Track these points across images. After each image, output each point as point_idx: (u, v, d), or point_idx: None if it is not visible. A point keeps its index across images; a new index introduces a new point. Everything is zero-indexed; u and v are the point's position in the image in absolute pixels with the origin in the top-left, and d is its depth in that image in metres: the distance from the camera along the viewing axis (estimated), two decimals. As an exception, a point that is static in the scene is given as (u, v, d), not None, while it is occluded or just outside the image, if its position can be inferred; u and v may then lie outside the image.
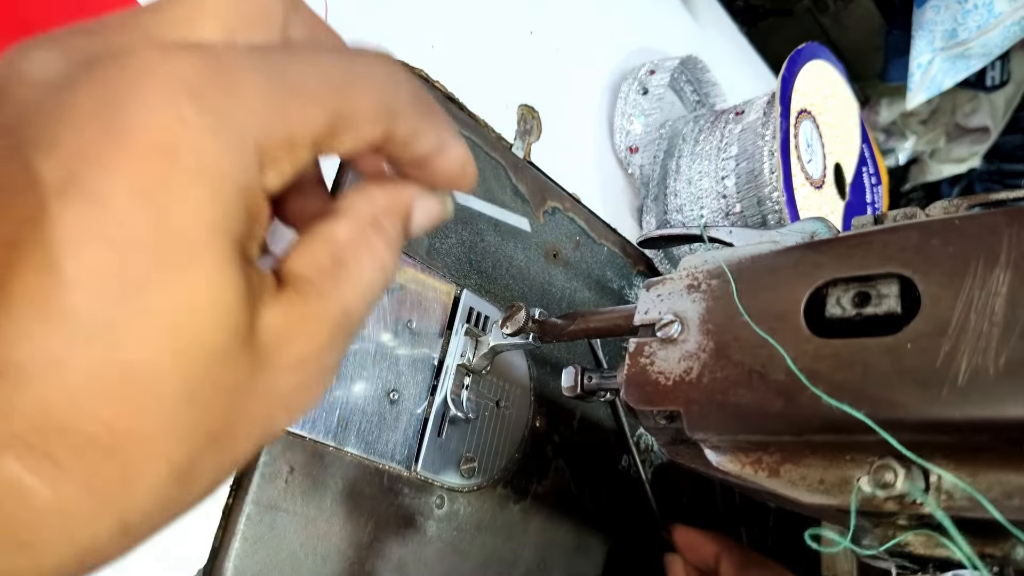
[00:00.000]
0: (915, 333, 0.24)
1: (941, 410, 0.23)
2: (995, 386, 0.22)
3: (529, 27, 0.56)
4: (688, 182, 0.58)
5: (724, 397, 0.28)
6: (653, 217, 0.60)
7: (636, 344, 0.32)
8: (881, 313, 0.26)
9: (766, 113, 0.54)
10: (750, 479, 0.28)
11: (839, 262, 0.28)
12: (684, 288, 0.32)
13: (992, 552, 0.24)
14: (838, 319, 0.27)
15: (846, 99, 0.65)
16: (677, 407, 0.29)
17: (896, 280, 0.26)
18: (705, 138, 0.58)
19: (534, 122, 0.54)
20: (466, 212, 0.47)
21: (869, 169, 0.69)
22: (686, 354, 0.30)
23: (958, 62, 0.82)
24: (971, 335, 0.23)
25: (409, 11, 0.46)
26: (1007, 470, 0.23)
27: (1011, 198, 0.28)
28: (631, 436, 0.55)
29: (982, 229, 0.25)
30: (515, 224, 0.25)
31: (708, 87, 0.67)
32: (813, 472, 0.27)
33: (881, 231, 0.28)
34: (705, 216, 0.57)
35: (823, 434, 0.26)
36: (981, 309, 0.23)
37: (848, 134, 0.66)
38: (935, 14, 0.80)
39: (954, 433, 0.23)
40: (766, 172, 0.52)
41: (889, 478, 0.24)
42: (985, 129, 1.03)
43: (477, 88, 0.49)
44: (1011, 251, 0.24)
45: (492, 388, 0.45)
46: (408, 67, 0.45)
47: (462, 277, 0.45)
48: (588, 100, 0.61)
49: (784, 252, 0.30)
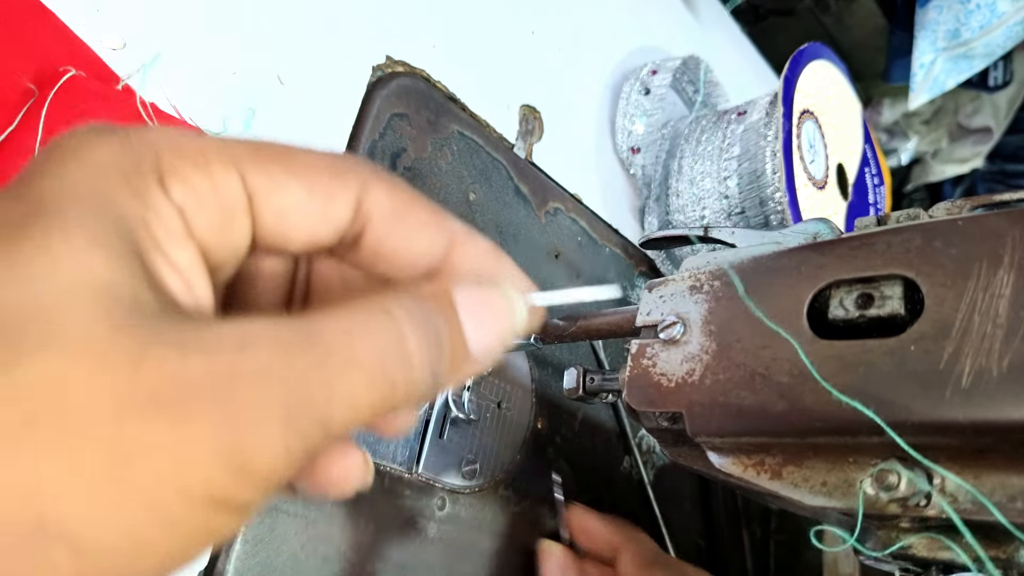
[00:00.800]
0: (918, 335, 0.24)
1: (945, 412, 0.23)
2: (999, 388, 0.22)
3: (531, 27, 0.56)
4: (690, 183, 0.57)
5: (726, 399, 0.28)
6: (655, 218, 0.60)
7: (638, 345, 0.32)
8: (884, 315, 0.26)
9: (768, 113, 0.54)
10: (752, 481, 0.28)
11: (842, 263, 0.28)
12: (686, 289, 0.32)
13: (996, 555, 0.24)
14: (841, 321, 0.27)
15: (848, 99, 0.65)
16: (679, 409, 0.29)
17: (899, 282, 0.26)
18: (707, 138, 0.58)
19: (536, 122, 0.54)
20: (468, 212, 0.47)
21: (872, 169, 0.69)
22: (688, 355, 0.30)
23: (961, 62, 0.82)
24: (975, 337, 0.23)
25: (411, 11, 0.46)
26: (1011, 473, 0.23)
27: (1014, 199, 0.28)
28: (633, 438, 0.55)
29: (985, 231, 0.25)
30: (605, 297, 0.24)
31: (710, 87, 0.67)
32: (816, 474, 0.27)
33: (884, 232, 0.28)
34: (707, 217, 0.57)
35: (826, 436, 0.26)
36: (985, 311, 0.23)
37: (850, 134, 0.66)
38: (938, 14, 0.80)
39: (957, 435, 0.23)
40: (768, 172, 0.52)
41: (892, 480, 0.24)
42: (988, 129, 1.03)
43: (479, 88, 0.49)
44: (1015, 253, 0.24)
45: (493, 389, 0.45)
46: (411, 71, 0.45)
47: (464, 278, 0.45)
48: (590, 100, 0.61)
49: (787, 253, 0.30)
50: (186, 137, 0.18)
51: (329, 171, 0.20)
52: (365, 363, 0.17)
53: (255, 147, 0.19)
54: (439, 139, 0.45)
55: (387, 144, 0.42)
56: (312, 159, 0.20)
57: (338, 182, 0.20)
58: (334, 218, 0.20)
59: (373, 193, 0.20)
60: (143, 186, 0.17)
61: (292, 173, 0.19)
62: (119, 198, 0.16)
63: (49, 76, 0.30)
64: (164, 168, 0.17)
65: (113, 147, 0.17)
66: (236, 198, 0.18)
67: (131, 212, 0.16)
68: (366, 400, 0.17)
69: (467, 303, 0.20)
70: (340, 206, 0.20)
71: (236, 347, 0.15)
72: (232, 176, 0.18)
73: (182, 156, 0.18)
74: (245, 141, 0.19)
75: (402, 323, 0.18)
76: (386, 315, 0.18)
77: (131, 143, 0.17)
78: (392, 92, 0.43)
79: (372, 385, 0.17)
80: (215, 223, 0.18)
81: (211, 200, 0.18)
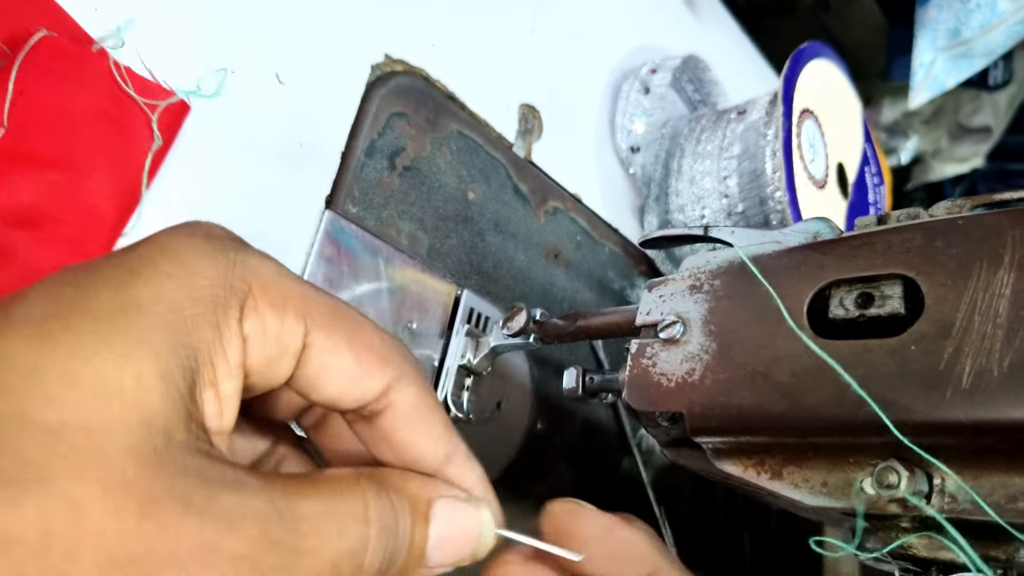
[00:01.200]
0: (919, 334, 0.24)
1: (945, 412, 0.23)
2: (999, 388, 0.22)
3: (530, 26, 0.56)
4: (690, 182, 0.57)
5: (727, 399, 0.28)
6: (655, 217, 0.60)
7: (638, 345, 0.31)
8: (885, 314, 0.26)
9: (768, 112, 0.54)
10: (752, 481, 0.28)
11: (842, 263, 0.28)
12: (686, 289, 0.32)
13: (996, 555, 0.24)
14: (841, 320, 0.27)
15: (848, 98, 0.65)
16: (679, 409, 0.29)
17: (900, 281, 0.26)
18: (707, 137, 0.58)
19: (535, 121, 0.54)
20: (467, 211, 0.47)
21: (872, 169, 0.69)
22: (688, 355, 0.30)
23: (961, 61, 0.81)
24: (975, 337, 0.23)
25: (410, 10, 0.46)
26: (1011, 473, 0.23)
27: (1015, 198, 0.28)
28: (632, 438, 0.55)
29: (986, 230, 0.25)
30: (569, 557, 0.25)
31: (710, 86, 0.67)
32: (816, 474, 0.27)
33: (884, 232, 0.28)
34: (707, 216, 0.57)
35: (826, 436, 0.26)
36: (985, 311, 0.23)
37: (851, 133, 0.65)
38: (938, 13, 0.80)
39: (958, 435, 0.23)
40: (768, 172, 0.52)
41: (892, 480, 0.24)
42: (988, 129, 1.03)
43: (478, 87, 0.49)
44: (1015, 252, 0.24)
45: (493, 389, 0.45)
46: (410, 70, 0.45)
47: (463, 277, 0.45)
48: (589, 99, 0.61)
49: (787, 253, 0.30)
50: (282, 277, 0.20)
51: (379, 351, 0.22)
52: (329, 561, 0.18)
53: (331, 308, 0.21)
54: (438, 138, 0.45)
55: (386, 143, 0.42)
56: (372, 339, 0.22)
57: (382, 363, 0.22)
58: (365, 391, 0.22)
59: (404, 387, 0.22)
60: (224, 320, 0.19)
61: (349, 343, 0.21)
62: (203, 332, 0.18)
63: (21, 36, 0.29)
64: (247, 303, 0.19)
65: (219, 270, 0.19)
66: (294, 344, 0.20)
67: (204, 343, 0.18)
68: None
69: (443, 517, 0.22)
70: (375, 383, 0.22)
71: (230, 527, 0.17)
72: (300, 325, 0.20)
73: (266, 295, 0.20)
74: (324, 298, 0.21)
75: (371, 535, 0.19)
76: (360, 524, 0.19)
77: (234, 271, 0.19)
78: (391, 91, 0.43)
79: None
80: (267, 359, 0.20)
81: (273, 340, 0.20)
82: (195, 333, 0.18)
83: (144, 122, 0.32)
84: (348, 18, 0.42)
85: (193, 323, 0.18)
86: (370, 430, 0.23)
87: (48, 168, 0.29)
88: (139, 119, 0.32)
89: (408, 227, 0.43)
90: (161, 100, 0.32)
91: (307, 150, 0.39)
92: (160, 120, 0.32)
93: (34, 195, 0.29)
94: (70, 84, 0.30)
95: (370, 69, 0.43)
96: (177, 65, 0.34)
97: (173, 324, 0.18)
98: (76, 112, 0.30)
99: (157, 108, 0.32)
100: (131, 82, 0.31)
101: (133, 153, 0.31)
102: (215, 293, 0.19)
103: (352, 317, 0.22)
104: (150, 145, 0.32)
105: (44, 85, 0.29)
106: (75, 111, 0.30)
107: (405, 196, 0.43)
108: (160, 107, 0.32)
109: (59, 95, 0.30)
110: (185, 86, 0.34)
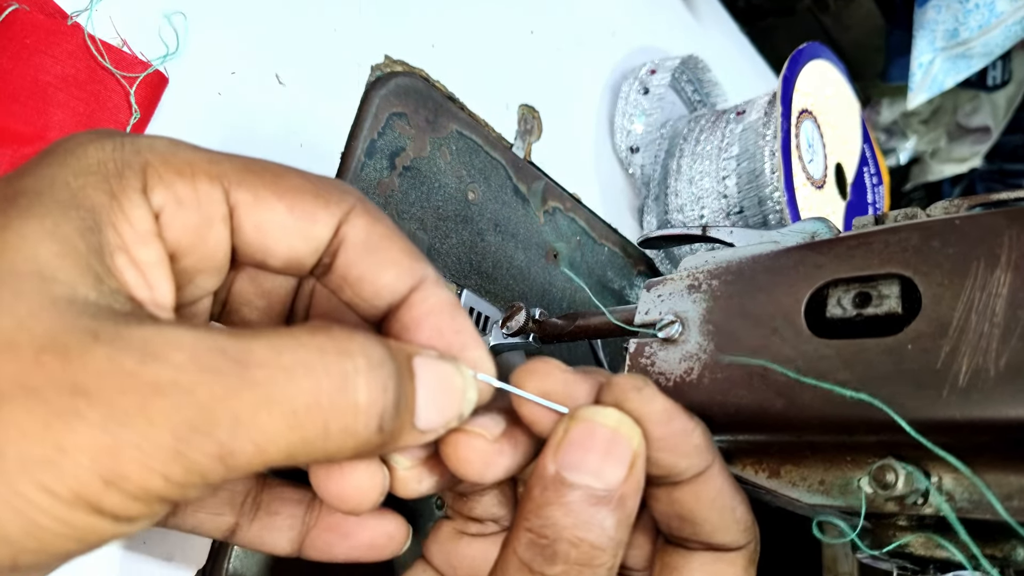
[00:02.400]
0: (916, 334, 0.24)
1: (942, 411, 0.23)
2: (996, 387, 0.22)
3: (530, 27, 0.56)
4: (689, 182, 0.57)
5: (724, 398, 0.28)
6: (654, 217, 0.60)
7: (636, 345, 0.32)
8: (882, 314, 0.26)
9: (767, 113, 0.54)
10: (750, 480, 0.28)
11: (840, 262, 0.28)
12: (685, 288, 0.32)
13: (992, 553, 0.24)
14: (839, 319, 0.27)
15: (847, 99, 0.65)
16: (677, 408, 0.29)
17: (897, 281, 0.26)
18: (706, 138, 0.58)
19: (534, 122, 0.54)
20: (466, 212, 0.47)
21: (870, 169, 0.69)
22: (686, 355, 0.30)
23: (959, 62, 0.82)
24: (972, 336, 0.23)
25: (409, 11, 0.46)
26: (1007, 471, 0.23)
27: (1012, 198, 0.28)
28: (632, 436, 0.55)
29: (983, 230, 0.25)
30: (554, 408, 0.24)
31: (709, 87, 0.67)
32: (813, 473, 0.27)
33: (882, 231, 0.28)
34: (706, 216, 0.57)
35: (824, 435, 0.26)
36: (982, 310, 0.23)
37: (849, 134, 0.66)
38: (936, 13, 0.80)
39: (954, 434, 0.23)
40: (767, 172, 0.52)
41: (890, 479, 0.24)
42: (986, 129, 1.03)
43: (477, 88, 0.49)
44: (1012, 252, 0.24)
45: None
46: (409, 71, 0.45)
47: (462, 277, 0.45)
48: (589, 100, 0.61)
49: (785, 252, 0.30)
50: (180, 148, 0.20)
51: (313, 193, 0.20)
52: (291, 403, 0.16)
53: (244, 164, 0.20)
54: (438, 138, 0.45)
55: (386, 143, 0.42)
56: (298, 181, 0.20)
57: (320, 205, 0.20)
58: (313, 238, 0.20)
59: (353, 220, 0.21)
60: (121, 188, 0.18)
61: (275, 192, 0.20)
62: (94, 197, 0.18)
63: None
64: (149, 174, 0.19)
65: (105, 151, 0.18)
66: (216, 208, 0.19)
67: (103, 211, 0.17)
68: (281, 442, 0.16)
69: (425, 375, 0.19)
70: (320, 228, 0.20)
71: (149, 353, 0.15)
72: (216, 188, 0.19)
73: (169, 165, 0.19)
74: (236, 158, 0.20)
75: (359, 371, 0.17)
76: (342, 357, 0.17)
77: (124, 149, 0.19)
78: (391, 91, 0.43)
79: (293, 427, 0.16)
80: (191, 228, 0.19)
81: (191, 207, 0.19)
82: (86, 200, 0.17)
83: (122, 95, 0.31)
84: (348, 19, 0.43)
85: (81, 191, 0.17)
86: (330, 280, 0.21)
87: (23, 143, 0.29)
88: (116, 92, 0.31)
89: (408, 227, 0.43)
90: (139, 72, 0.32)
91: (307, 150, 0.39)
92: (138, 93, 0.32)
93: (9, 170, 0.28)
94: (44, 58, 0.30)
95: (370, 70, 0.43)
96: (153, 37, 0.33)
97: (59, 193, 0.17)
98: (51, 86, 0.30)
99: (135, 81, 0.31)
100: (107, 54, 0.31)
101: (110, 126, 0.31)
102: (103, 167, 0.18)
103: (270, 168, 0.20)
104: (128, 118, 0.32)
105: (18, 60, 0.29)
106: (50, 85, 0.30)
107: (405, 196, 0.43)
108: (138, 79, 0.32)
109: (33, 69, 0.29)
110: (160, 51, 0.33)
